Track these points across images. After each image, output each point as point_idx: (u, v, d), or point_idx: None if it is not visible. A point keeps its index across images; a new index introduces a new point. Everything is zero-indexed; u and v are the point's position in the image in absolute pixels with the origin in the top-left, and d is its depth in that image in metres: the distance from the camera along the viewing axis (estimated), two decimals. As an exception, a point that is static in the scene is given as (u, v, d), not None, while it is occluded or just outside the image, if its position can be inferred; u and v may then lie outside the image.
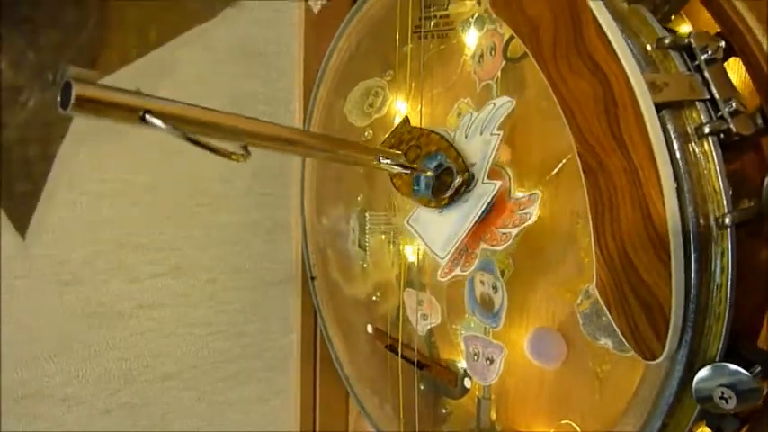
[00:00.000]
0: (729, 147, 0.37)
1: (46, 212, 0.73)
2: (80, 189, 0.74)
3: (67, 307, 0.75)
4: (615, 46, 0.34)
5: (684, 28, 0.43)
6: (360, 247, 0.70)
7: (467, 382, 0.57)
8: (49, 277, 0.73)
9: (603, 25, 0.34)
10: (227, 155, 0.35)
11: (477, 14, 0.56)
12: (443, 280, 0.56)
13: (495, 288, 0.53)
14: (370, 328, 0.70)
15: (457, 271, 0.54)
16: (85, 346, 0.76)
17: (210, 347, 0.86)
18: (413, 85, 0.63)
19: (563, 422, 0.50)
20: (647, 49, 0.37)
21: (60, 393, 0.75)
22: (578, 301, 0.47)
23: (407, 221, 0.59)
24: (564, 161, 0.46)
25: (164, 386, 0.83)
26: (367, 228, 0.69)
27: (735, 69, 0.40)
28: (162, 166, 0.80)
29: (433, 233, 0.56)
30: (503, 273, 0.53)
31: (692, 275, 0.34)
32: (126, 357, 0.79)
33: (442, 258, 0.54)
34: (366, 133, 0.70)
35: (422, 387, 0.63)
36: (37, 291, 0.73)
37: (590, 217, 0.36)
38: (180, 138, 0.34)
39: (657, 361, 0.35)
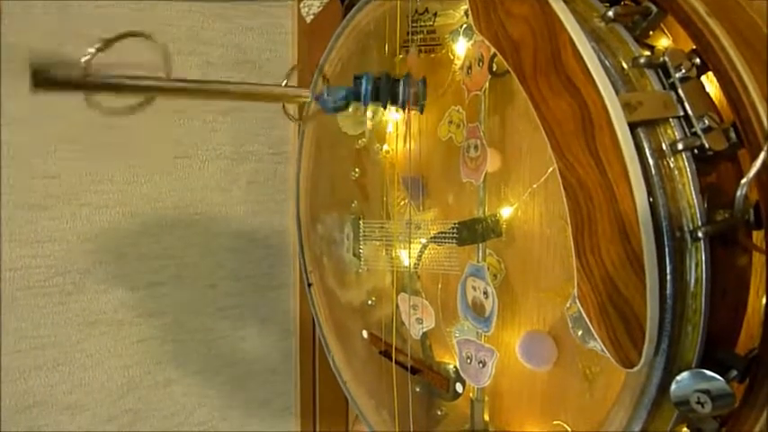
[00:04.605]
0: (706, 159, 0.38)
1: (47, 224, 0.74)
2: (80, 200, 0.76)
3: (70, 317, 0.77)
4: (590, 68, 0.35)
5: (664, 42, 0.44)
6: (354, 255, 0.71)
7: (458, 387, 0.58)
8: (51, 288, 0.75)
9: (579, 48, 0.35)
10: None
11: (465, 25, 0.57)
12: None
13: (486, 293, 0.54)
14: (365, 334, 0.71)
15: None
16: (88, 355, 0.78)
17: (212, 353, 0.88)
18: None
19: (555, 423, 0.51)
20: (623, 68, 0.38)
21: (64, 402, 0.77)
22: (567, 305, 0.48)
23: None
24: (551, 169, 0.48)
25: (166, 392, 0.84)
26: (361, 235, 0.70)
27: (714, 81, 0.42)
28: (161, 177, 0.81)
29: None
30: (494, 277, 0.54)
31: (668, 288, 0.35)
32: (129, 365, 0.81)
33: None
34: (360, 141, 0.71)
35: (417, 389, 0.64)
36: (39, 301, 0.74)
37: (570, 231, 0.38)
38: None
39: (635, 369, 0.36)
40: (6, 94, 0.72)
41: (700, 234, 0.36)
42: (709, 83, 0.41)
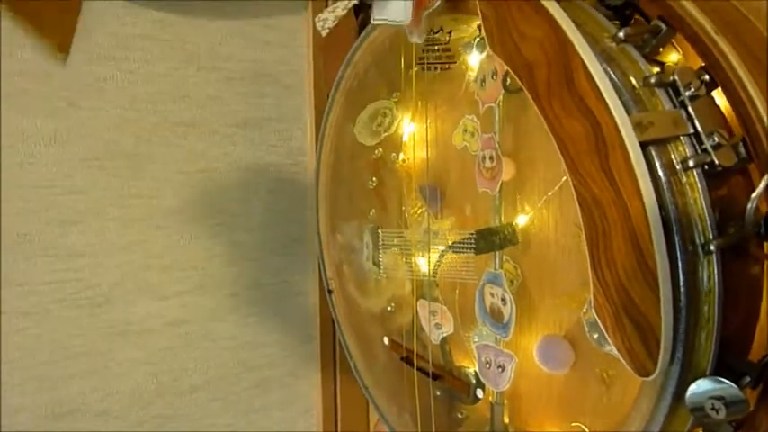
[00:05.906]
0: (716, 175, 0.39)
1: (77, 239, 0.76)
2: (107, 215, 0.78)
3: (100, 327, 0.79)
4: (602, 90, 0.36)
5: (674, 56, 0.45)
6: (374, 263, 0.73)
7: (479, 393, 0.60)
8: (81, 300, 0.77)
9: (591, 70, 0.37)
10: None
11: (478, 38, 0.58)
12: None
13: (503, 300, 0.55)
14: (386, 341, 0.72)
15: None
16: (118, 364, 0.80)
17: (235, 359, 0.89)
18: (419, 104, 0.65)
19: (573, 424, 0.52)
20: (634, 87, 0.40)
21: (96, 409, 0.79)
22: (584, 310, 0.49)
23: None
24: (565, 177, 0.49)
25: (192, 398, 0.86)
26: (380, 244, 0.72)
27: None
28: (183, 189, 0.83)
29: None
30: (511, 283, 0.55)
31: (681, 299, 0.36)
32: (156, 372, 0.83)
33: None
34: (376, 151, 0.72)
35: (438, 393, 0.65)
36: (71, 313, 0.77)
37: (585, 246, 0.39)
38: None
39: (651, 378, 0.37)
40: (36, 113, 0.75)
41: (711, 247, 0.37)
42: (719, 96, 0.42)
